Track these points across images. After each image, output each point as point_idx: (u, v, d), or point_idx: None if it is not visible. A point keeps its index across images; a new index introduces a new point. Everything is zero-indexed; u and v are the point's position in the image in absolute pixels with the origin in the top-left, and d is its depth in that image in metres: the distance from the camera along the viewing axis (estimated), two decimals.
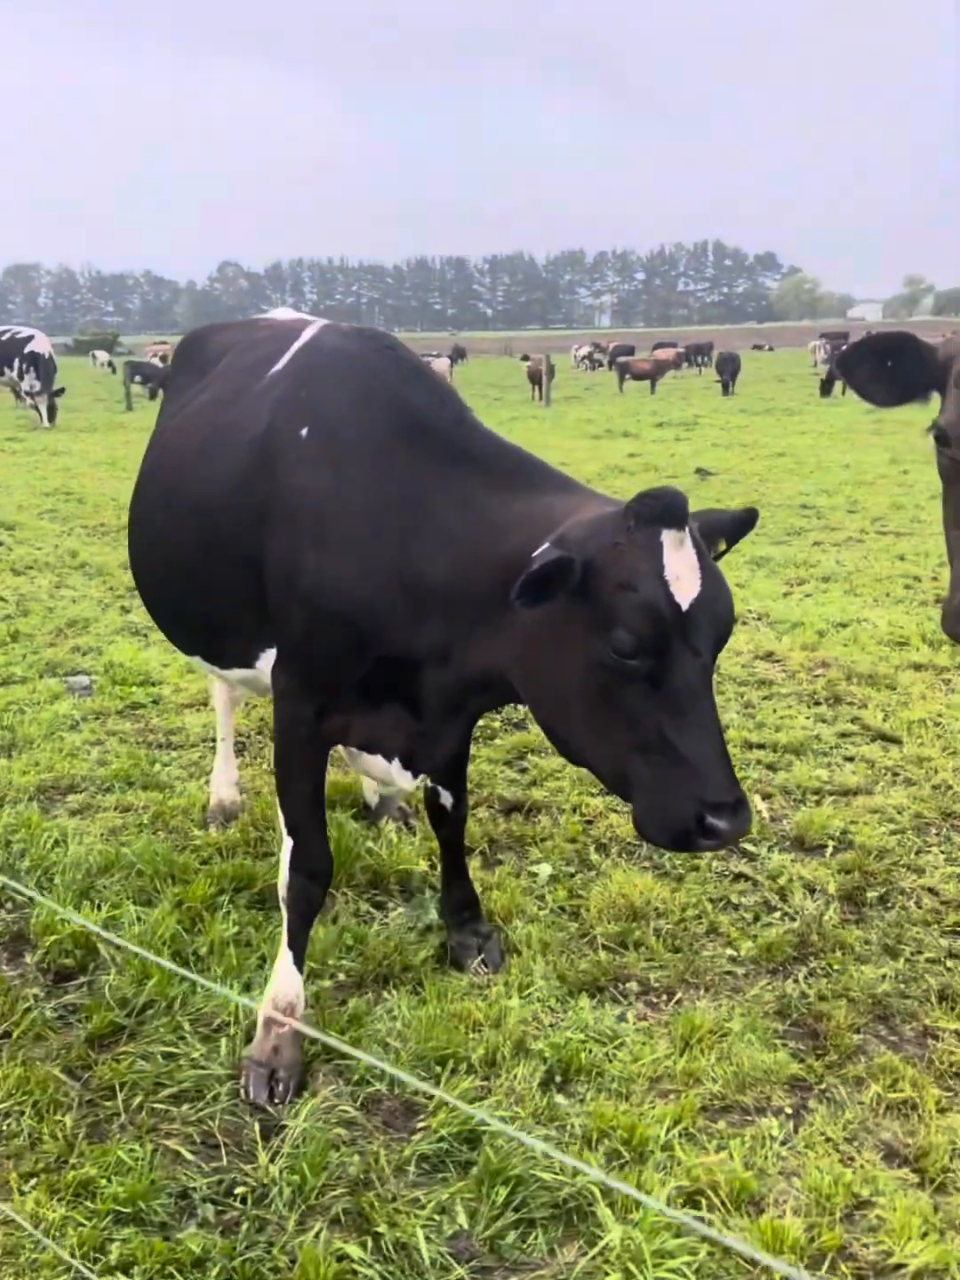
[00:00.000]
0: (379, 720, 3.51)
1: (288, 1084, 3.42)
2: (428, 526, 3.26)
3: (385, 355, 3.59)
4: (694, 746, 2.80)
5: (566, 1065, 3.50)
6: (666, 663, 2.78)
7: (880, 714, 6.59)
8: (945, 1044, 3.63)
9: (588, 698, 2.91)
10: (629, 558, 2.78)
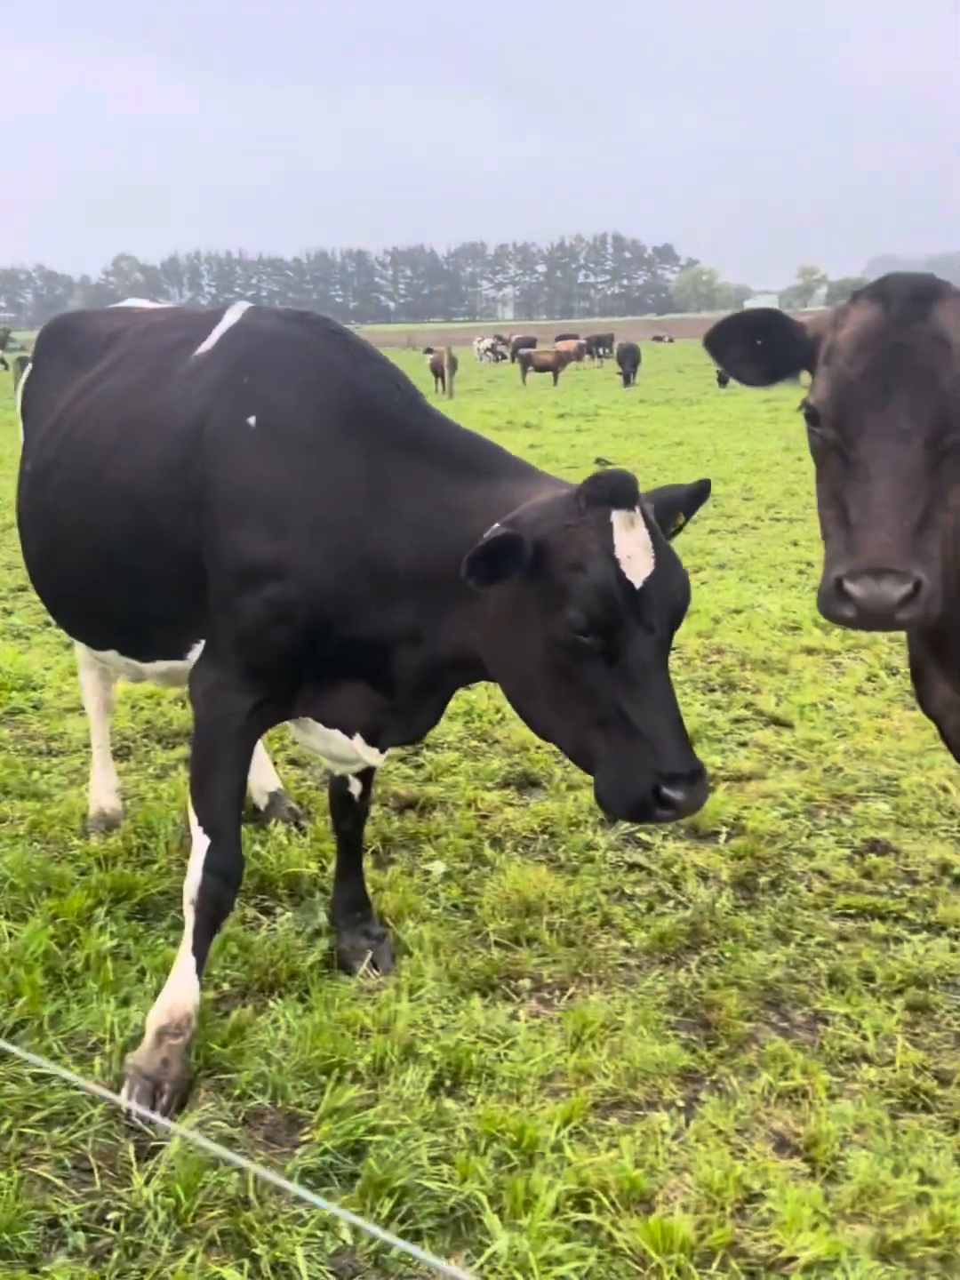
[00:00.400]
0: (341, 695, 3.49)
1: (172, 1098, 3.26)
2: (390, 514, 3.27)
3: (334, 340, 3.54)
4: (649, 720, 2.90)
5: (457, 1068, 3.41)
6: (620, 639, 2.89)
7: (773, 699, 6.63)
8: (835, 1028, 3.62)
9: (548, 675, 3.01)
10: (580, 538, 2.89)
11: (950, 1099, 3.30)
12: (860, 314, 2.67)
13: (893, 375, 2.56)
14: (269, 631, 3.32)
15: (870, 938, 4.14)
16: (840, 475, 2.67)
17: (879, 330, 2.61)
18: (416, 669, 3.41)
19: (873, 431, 2.58)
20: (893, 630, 2.77)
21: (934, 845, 4.79)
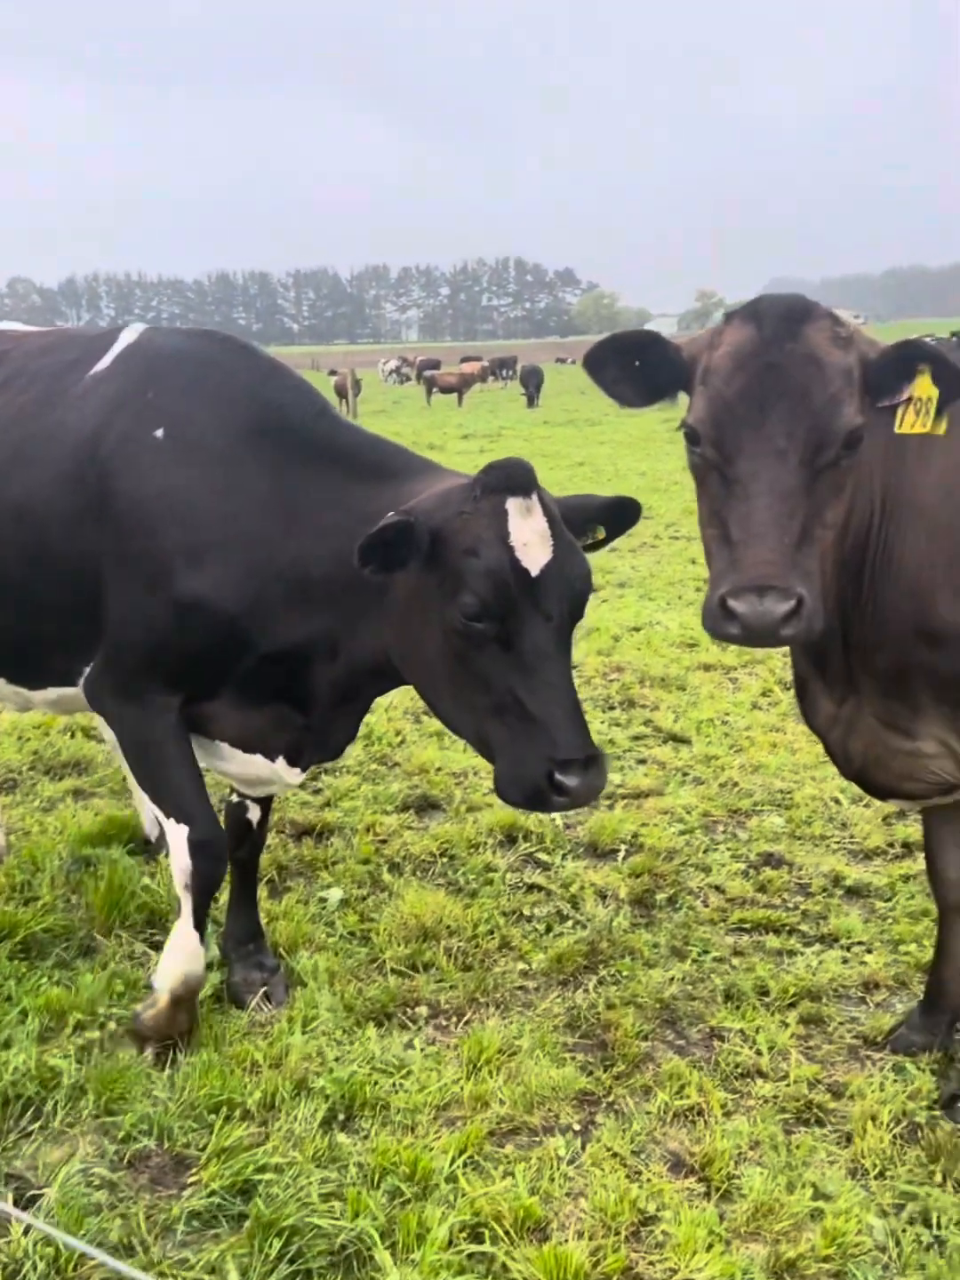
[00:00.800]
0: (260, 718, 3.48)
1: (188, 1044, 3.58)
2: (304, 523, 3.28)
3: (241, 354, 3.55)
4: (544, 706, 2.91)
5: (350, 1101, 3.34)
6: (515, 626, 2.91)
7: (671, 715, 6.67)
8: (730, 1044, 3.63)
9: (447, 664, 3.03)
10: (473, 525, 2.93)
11: (843, 1111, 3.33)
12: (734, 335, 2.70)
13: (768, 395, 2.59)
14: (186, 643, 3.32)
15: (765, 951, 4.16)
16: (720, 494, 2.69)
17: (753, 350, 2.64)
18: (335, 682, 3.41)
19: (750, 450, 2.60)
20: (776, 646, 2.79)
21: (826, 857, 4.85)
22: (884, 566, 2.96)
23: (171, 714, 3.45)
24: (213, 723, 3.53)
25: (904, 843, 4.96)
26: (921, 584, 2.93)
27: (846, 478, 2.71)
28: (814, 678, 3.25)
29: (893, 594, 2.96)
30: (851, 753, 3.25)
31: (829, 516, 2.68)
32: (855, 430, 2.62)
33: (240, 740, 3.54)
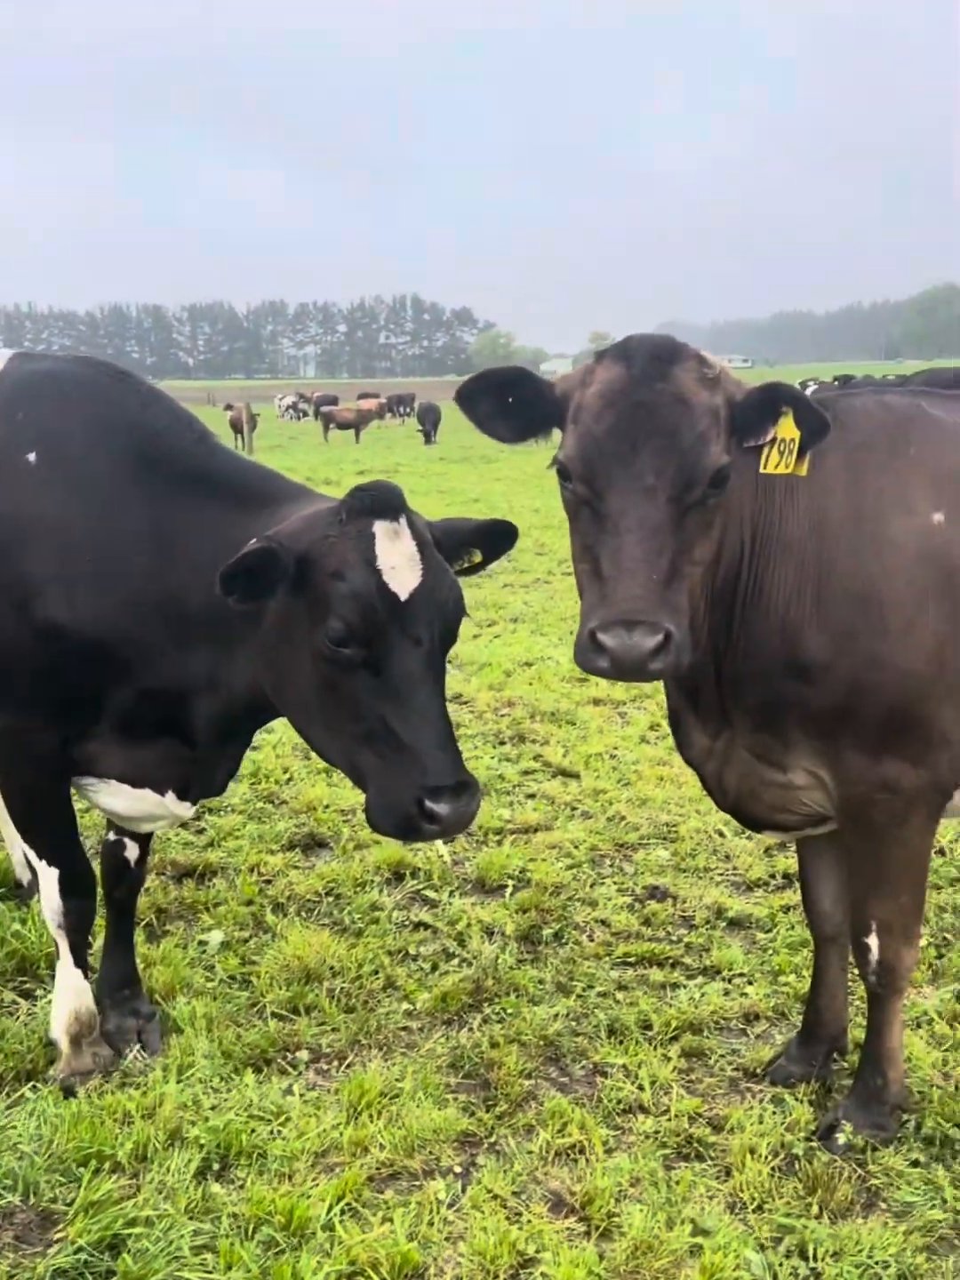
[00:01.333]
0: (148, 753, 3.40)
1: (110, 1071, 3.60)
2: (181, 554, 3.21)
3: (120, 380, 3.46)
4: (413, 732, 2.87)
5: (225, 1150, 3.25)
6: (384, 651, 2.87)
7: (561, 750, 6.70)
8: (614, 1080, 3.62)
9: (318, 693, 2.98)
10: (339, 549, 2.89)
11: (722, 1145, 3.33)
12: (605, 373, 2.74)
13: (637, 433, 2.63)
14: (56, 675, 3.24)
15: (648, 985, 4.17)
16: (591, 530, 2.72)
17: (623, 389, 2.68)
18: (217, 717, 3.35)
19: (620, 487, 2.64)
20: (645, 681, 2.82)
21: (710, 889, 4.90)
22: (754, 601, 3.02)
23: (48, 754, 3.36)
24: (99, 760, 3.44)
25: (784, 874, 5.03)
26: (790, 619, 2.99)
27: (714, 515, 2.76)
28: (688, 711, 3.29)
29: (763, 628, 3.02)
30: (726, 785, 3.29)
31: (697, 553, 2.72)
32: (722, 469, 2.68)
33: (130, 776, 3.46)
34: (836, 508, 3.00)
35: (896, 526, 2.94)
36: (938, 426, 3.06)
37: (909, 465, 2.99)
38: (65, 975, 3.63)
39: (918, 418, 3.07)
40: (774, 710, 3.08)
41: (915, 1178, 3.19)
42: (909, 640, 2.91)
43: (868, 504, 2.97)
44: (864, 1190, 3.18)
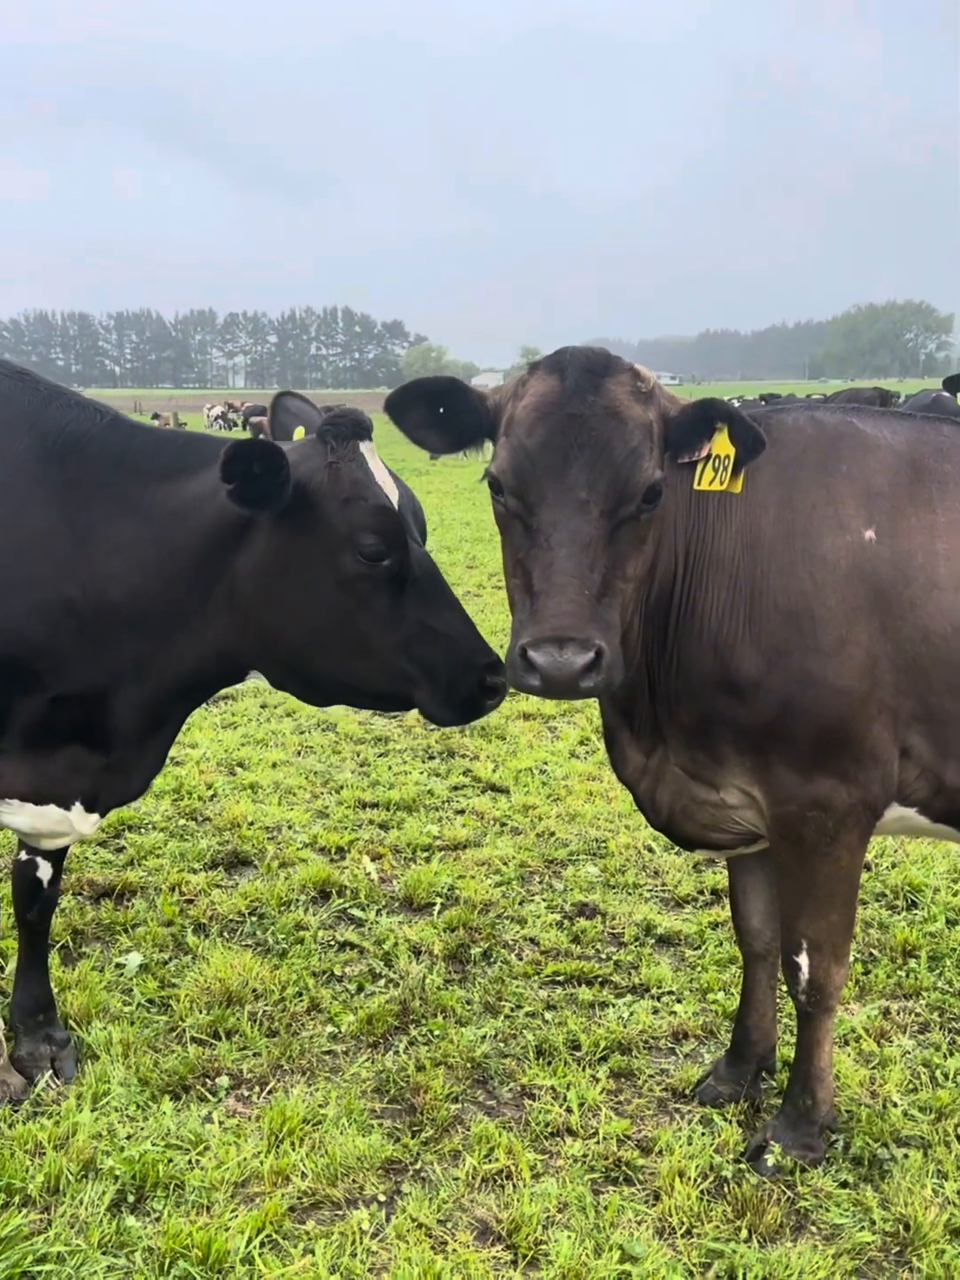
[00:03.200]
0: (52, 766, 3.26)
1: (19, 1100, 3.51)
2: (101, 542, 3.12)
3: (18, 380, 3.32)
4: (450, 623, 3.13)
5: (141, 1181, 3.14)
6: (407, 558, 3.06)
7: (491, 765, 6.65)
8: (541, 1102, 3.56)
9: (345, 621, 3.05)
10: (346, 472, 3.02)
11: (651, 1168, 3.29)
12: (538, 385, 2.69)
13: (570, 446, 2.59)
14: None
15: (577, 1004, 4.12)
16: (523, 544, 2.67)
17: (556, 401, 2.64)
18: (143, 707, 3.26)
19: (552, 501, 2.60)
20: (577, 699, 2.77)
21: (639, 906, 4.86)
22: (687, 619, 2.99)
23: None
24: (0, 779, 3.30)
25: (713, 890, 5.02)
26: (723, 636, 2.97)
27: (648, 530, 2.73)
28: (622, 729, 3.25)
29: (695, 646, 2.99)
30: (659, 804, 3.26)
31: (630, 569, 2.69)
32: (655, 484, 2.64)
33: (32, 793, 3.32)
34: (769, 524, 2.98)
35: (828, 543, 2.93)
36: (869, 443, 3.05)
37: (841, 481, 2.98)
38: None
39: (849, 434, 3.07)
40: (707, 727, 3.06)
41: (844, 1199, 3.17)
42: (840, 658, 2.89)
43: (800, 520, 2.95)
44: (793, 1213, 3.15)
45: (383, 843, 5.54)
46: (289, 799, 6.11)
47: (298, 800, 6.09)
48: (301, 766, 6.64)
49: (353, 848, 5.46)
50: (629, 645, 2.96)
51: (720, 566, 2.98)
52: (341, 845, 5.46)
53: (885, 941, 4.60)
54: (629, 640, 2.95)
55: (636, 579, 2.75)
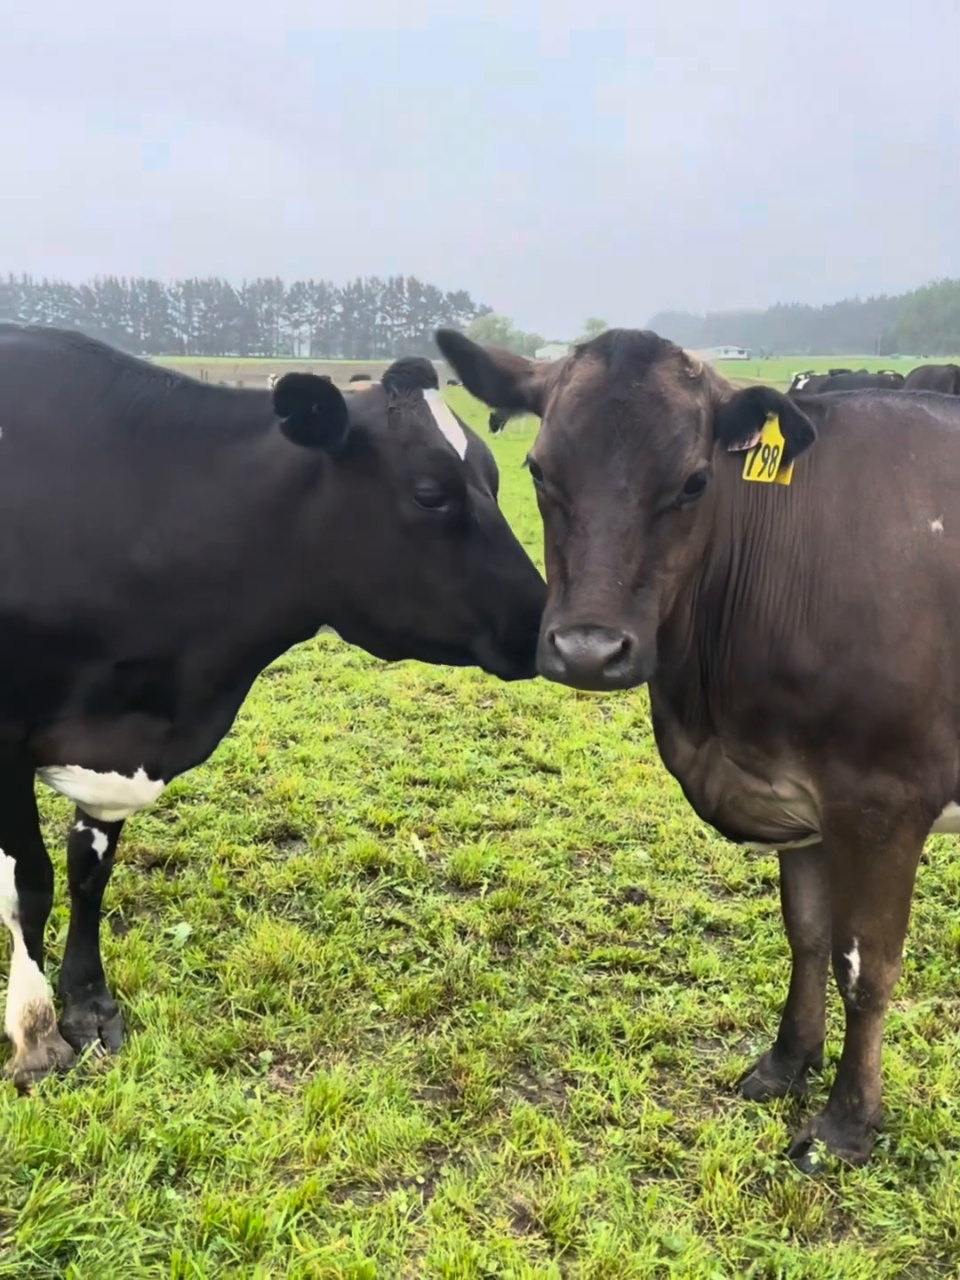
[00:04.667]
0: (115, 732, 3.29)
1: (66, 1068, 3.51)
2: (174, 503, 3.14)
3: (90, 351, 3.35)
4: (513, 572, 3.09)
5: (183, 1154, 3.15)
6: (468, 505, 3.04)
7: (542, 745, 6.61)
8: (583, 1089, 3.54)
9: (407, 567, 3.05)
10: (407, 418, 3.03)
11: (693, 1161, 3.25)
12: (583, 369, 2.65)
13: (611, 432, 2.55)
14: (29, 661, 3.12)
15: (622, 991, 4.09)
16: (562, 530, 2.64)
17: (599, 386, 2.60)
18: (213, 670, 3.28)
19: (591, 488, 2.56)
20: (603, 690, 2.72)
21: (688, 893, 4.81)
22: (743, 609, 2.93)
23: (11, 744, 3.24)
24: (63, 747, 3.31)
25: (764, 879, 4.96)
26: (780, 627, 2.90)
27: (692, 520, 2.66)
28: (672, 718, 3.20)
29: (751, 636, 2.93)
30: (709, 795, 3.20)
31: (671, 559, 2.63)
32: (698, 473, 2.58)
33: (94, 760, 3.34)
34: (831, 512, 2.90)
35: (893, 533, 2.84)
36: (939, 431, 2.96)
37: (908, 471, 2.89)
38: (20, 967, 3.54)
39: (919, 421, 2.98)
40: (760, 719, 2.99)
41: (889, 1200, 3.11)
42: (902, 652, 2.81)
43: (864, 509, 2.87)
44: (836, 1212, 3.10)
45: (432, 820, 5.53)
46: (340, 774, 6.12)
47: (348, 775, 6.10)
48: (353, 741, 6.65)
49: (402, 825, 5.45)
50: (678, 635, 2.91)
51: (779, 555, 2.91)
52: (391, 822, 5.46)
53: (940, 937, 4.51)
54: (678, 630, 2.90)
55: (680, 569, 2.68)
